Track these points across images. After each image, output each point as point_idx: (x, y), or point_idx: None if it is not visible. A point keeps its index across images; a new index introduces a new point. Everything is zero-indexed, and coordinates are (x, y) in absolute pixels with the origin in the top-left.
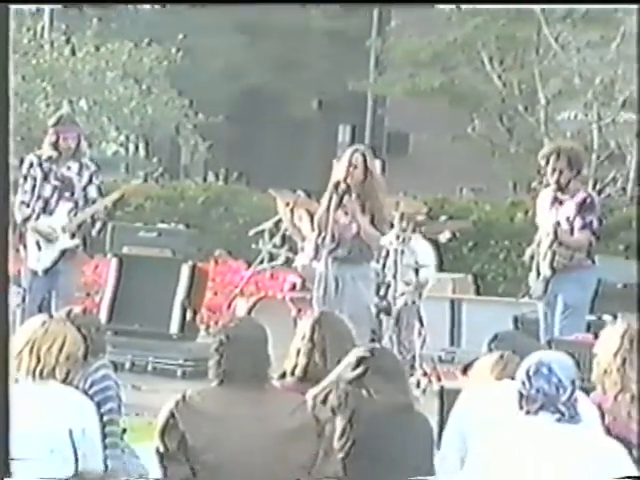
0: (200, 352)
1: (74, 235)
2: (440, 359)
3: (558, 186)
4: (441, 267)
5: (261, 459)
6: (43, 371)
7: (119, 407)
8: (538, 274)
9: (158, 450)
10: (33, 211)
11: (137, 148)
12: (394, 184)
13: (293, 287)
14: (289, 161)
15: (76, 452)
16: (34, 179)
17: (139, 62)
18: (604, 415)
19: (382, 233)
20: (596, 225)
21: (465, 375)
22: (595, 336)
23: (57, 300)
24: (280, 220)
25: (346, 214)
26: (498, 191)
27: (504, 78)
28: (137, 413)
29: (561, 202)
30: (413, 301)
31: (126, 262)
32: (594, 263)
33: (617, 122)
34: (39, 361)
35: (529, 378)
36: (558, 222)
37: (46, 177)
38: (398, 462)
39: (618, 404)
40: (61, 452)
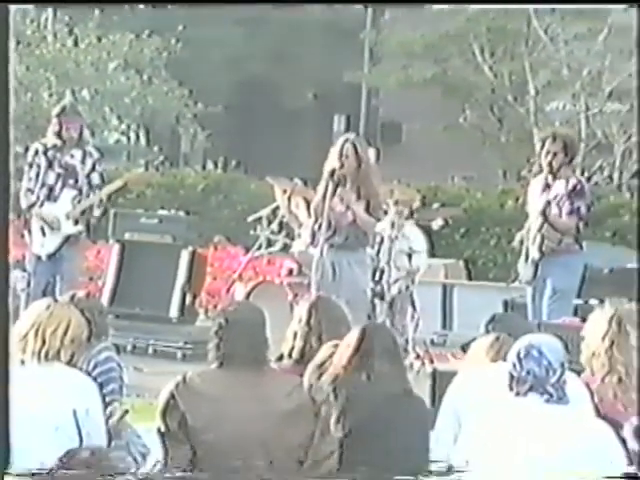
0: (199, 335)
1: (77, 222)
2: (432, 342)
3: (550, 169)
4: (433, 253)
5: (259, 439)
6: (48, 353)
7: (121, 388)
8: (527, 259)
9: (159, 430)
10: (38, 198)
11: (138, 137)
12: (388, 172)
13: (290, 272)
14: (286, 150)
15: (80, 431)
16: (39, 167)
17: (140, 53)
18: (594, 396)
19: (378, 219)
20: (584, 211)
21: (465, 353)
22: (582, 320)
23: (61, 284)
24: (277, 207)
25: (342, 201)
26: (489, 179)
27: (495, 69)
28: (138, 394)
29: (551, 187)
30: (407, 286)
31: (128, 248)
32: (582, 248)
33: (604, 112)
34: (44, 343)
35: (520, 360)
36: (548, 202)
37: (50, 165)
38: (395, 445)
39: (605, 385)
40: (66, 431)
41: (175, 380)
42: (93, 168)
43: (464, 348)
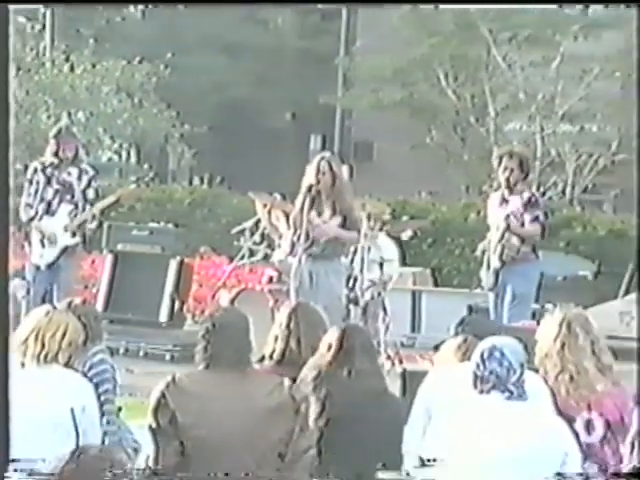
0: (187, 338)
1: (74, 234)
2: (402, 344)
3: (507, 184)
4: (403, 262)
5: (243, 434)
6: (47, 356)
7: (114, 388)
8: (489, 267)
9: (150, 427)
10: (37, 212)
11: (129, 155)
12: (360, 188)
13: (270, 280)
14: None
15: (77, 428)
16: (38, 183)
17: (131, 78)
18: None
19: (358, 231)
20: (542, 218)
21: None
22: (539, 323)
23: (59, 292)
24: (259, 220)
25: (319, 216)
26: (453, 194)
27: (458, 93)
28: (130, 393)
29: (508, 202)
30: (379, 293)
31: (120, 258)
32: (538, 257)
33: (557, 133)
34: (43, 347)
35: (483, 361)
36: (508, 215)
37: (49, 181)
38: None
39: (558, 383)
40: (63, 428)
41: (165, 380)
42: (88, 184)
43: (437, 348)
